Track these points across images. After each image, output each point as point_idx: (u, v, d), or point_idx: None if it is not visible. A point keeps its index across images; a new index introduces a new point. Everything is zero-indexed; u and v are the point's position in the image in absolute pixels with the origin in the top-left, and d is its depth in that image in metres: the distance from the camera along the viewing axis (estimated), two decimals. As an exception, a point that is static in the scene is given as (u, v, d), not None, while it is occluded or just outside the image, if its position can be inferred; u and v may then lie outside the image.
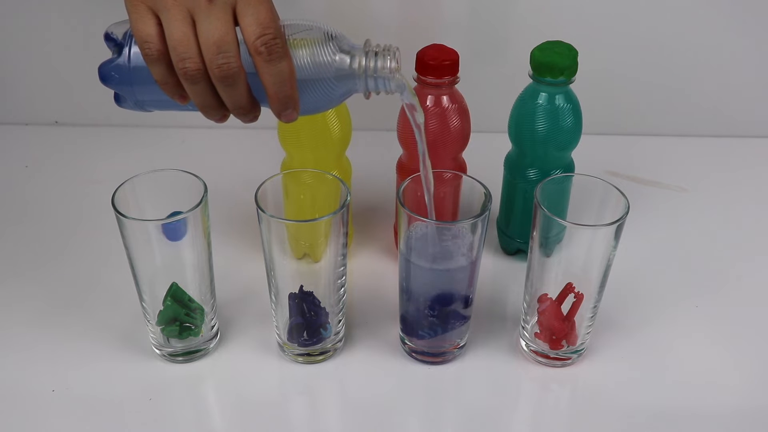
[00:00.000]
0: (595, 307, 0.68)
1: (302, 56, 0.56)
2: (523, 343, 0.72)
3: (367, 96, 0.60)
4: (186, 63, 0.52)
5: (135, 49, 0.57)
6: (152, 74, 0.55)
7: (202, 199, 0.64)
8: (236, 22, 0.53)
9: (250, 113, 0.57)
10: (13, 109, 1.03)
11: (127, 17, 0.55)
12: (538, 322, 0.70)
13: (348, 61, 0.58)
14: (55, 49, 0.98)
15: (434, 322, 0.67)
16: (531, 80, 0.74)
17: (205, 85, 0.54)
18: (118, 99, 0.63)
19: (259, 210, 0.63)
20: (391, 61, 0.58)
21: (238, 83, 0.53)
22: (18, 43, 0.97)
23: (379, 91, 0.60)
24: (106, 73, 0.60)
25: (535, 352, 0.71)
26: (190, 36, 0.51)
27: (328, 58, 0.57)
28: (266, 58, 0.52)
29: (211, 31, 0.51)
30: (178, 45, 0.52)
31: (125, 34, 0.59)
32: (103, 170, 0.93)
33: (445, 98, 0.72)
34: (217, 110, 0.56)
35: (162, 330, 0.69)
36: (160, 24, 0.53)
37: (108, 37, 0.60)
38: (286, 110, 0.55)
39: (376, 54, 0.58)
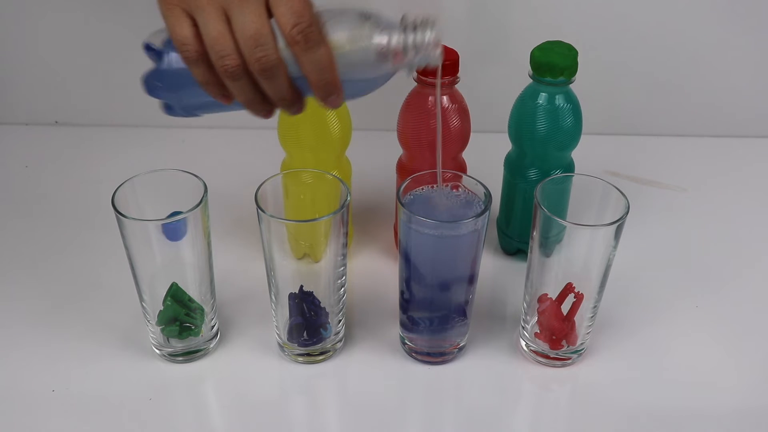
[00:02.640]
0: (595, 307, 0.68)
1: (340, 41, 0.55)
2: (523, 343, 0.72)
3: (410, 73, 0.58)
4: (225, 60, 0.52)
5: (174, 53, 0.57)
6: (194, 76, 0.55)
7: (202, 199, 0.64)
8: (271, 15, 0.53)
9: (294, 104, 0.56)
10: (13, 109, 1.03)
11: (163, 24, 0.55)
12: (538, 322, 0.70)
13: (386, 40, 0.55)
14: (55, 49, 0.98)
15: (433, 302, 0.67)
16: (531, 80, 0.74)
17: (247, 81, 0.54)
18: (167, 108, 0.62)
19: (259, 210, 0.63)
20: (429, 34, 0.56)
21: (279, 75, 0.53)
22: (18, 43, 0.97)
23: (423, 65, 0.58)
24: (150, 84, 0.59)
25: (535, 352, 0.71)
26: (225, 33, 0.52)
27: (366, 41, 0.55)
28: (303, 46, 0.52)
29: (247, 26, 0.51)
30: (215, 43, 0.52)
31: (163, 41, 0.58)
32: (103, 170, 0.93)
33: (445, 98, 0.72)
34: (262, 105, 0.56)
35: (162, 330, 0.69)
36: (196, 25, 0.53)
37: (148, 48, 0.59)
38: (330, 96, 0.55)
39: (415, 28, 0.56)
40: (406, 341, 0.71)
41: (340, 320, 0.70)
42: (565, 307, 0.68)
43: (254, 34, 0.51)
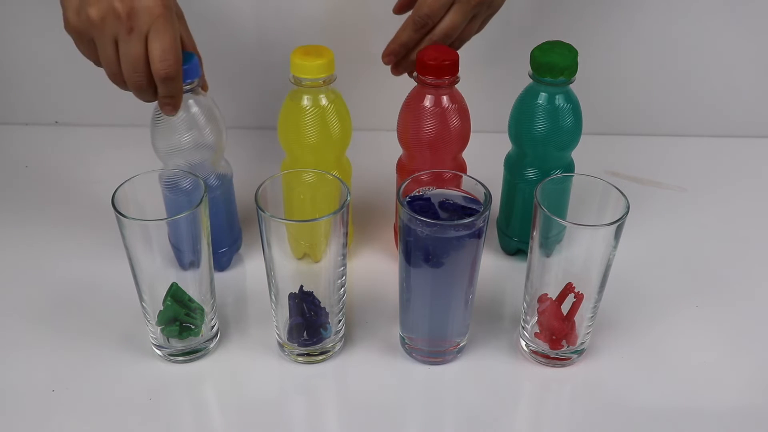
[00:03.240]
0: (595, 307, 0.68)
1: None
2: (523, 343, 0.72)
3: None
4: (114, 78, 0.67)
5: None
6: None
7: (202, 199, 0.64)
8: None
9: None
10: (13, 109, 1.03)
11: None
12: (538, 322, 0.70)
13: None
14: (56, 49, 0.97)
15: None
16: (531, 80, 0.74)
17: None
18: None
19: (259, 210, 0.63)
20: None
21: (149, 91, 0.66)
22: (18, 44, 0.97)
23: None
24: None
25: (535, 352, 0.71)
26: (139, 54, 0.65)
27: None
28: (163, 79, 0.65)
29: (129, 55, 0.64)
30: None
31: None
32: (103, 170, 0.93)
33: (445, 98, 0.72)
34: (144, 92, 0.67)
35: (162, 330, 0.69)
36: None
37: None
38: (165, 107, 0.68)
39: None
40: (406, 341, 0.71)
41: (340, 320, 0.70)
42: (565, 307, 0.68)
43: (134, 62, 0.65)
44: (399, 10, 0.81)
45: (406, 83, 0.75)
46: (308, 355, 0.70)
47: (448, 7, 0.72)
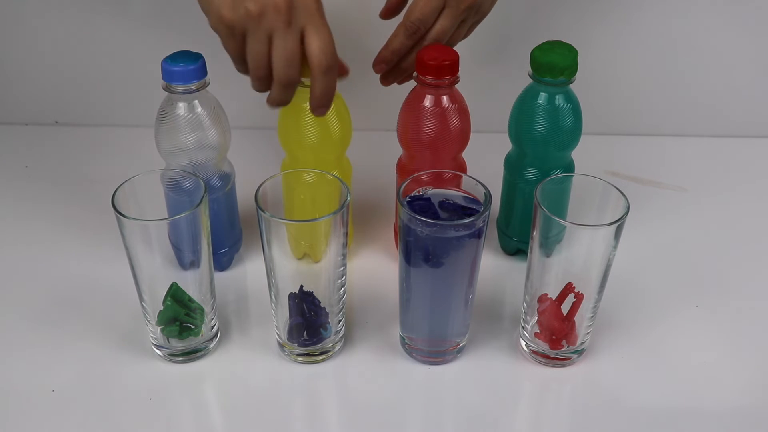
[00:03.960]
0: (595, 307, 0.68)
1: None
2: (523, 343, 0.72)
3: None
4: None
5: None
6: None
7: (202, 199, 0.64)
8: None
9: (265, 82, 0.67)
10: (13, 109, 1.03)
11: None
12: (538, 322, 0.70)
13: None
14: (56, 49, 0.98)
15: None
16: (531, 80, 0.74)
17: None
18: None
19: (259, 210, 0.63)
20: None
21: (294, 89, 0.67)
22: (18, 43, 0.97)
23: None
24: None
25: (535, 352, 0.71)
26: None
27: None
28: (324, 70, 0.65)
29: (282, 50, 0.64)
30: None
31: None
32: (103, 170, 0.93)
33: (445, 98, 0.72)
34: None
35: (162, 330, 0.69)
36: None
37: None
38: (319, 109, 0.68)
39: None
40: (406, 341, 0.71)
41: (340, 320, 0.70)
42: (565, 307, 0.68)
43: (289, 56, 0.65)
44: (386, 14, 0.81)
45: (406, 83, 0.75)
46: (308, 355, 0.70)
47: (438, 11, 0.72)
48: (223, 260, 0.79)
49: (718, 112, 1.01)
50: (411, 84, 0.74)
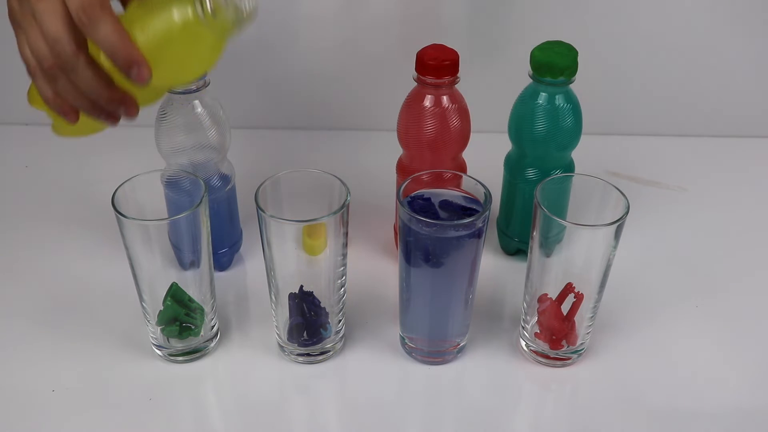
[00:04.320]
0: (595, 307, 0.68)
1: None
2: (523, 343, 0.72)
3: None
4: (43, 63, 0.54)
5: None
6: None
7: (201, 199, 0.64)
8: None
9: (114, 101, 0.57)
10: (13, 109, 1.02)
11: None
12: (538, 322, 0.70)
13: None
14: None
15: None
16: (531, 80, 0.74)
17: (65, 81, 0.55)
18: None
19: (259, 210, 0.63)
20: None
21: (79, 66, 0.54)
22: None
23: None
24: None
25: (535, 352, 0.71)
26: (39, 38, 0.54)
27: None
28: (88, 25, 0.53)
29: (45, 27, 0.53)
30: (35, 50, 0.54)
31: None
32: (103, 170, 0.93)
33: (445, 98, 0.72)
34: (95, 108, 0.57)
35: (162, 330, 0.69)
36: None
37: None
38: (131, 69, 0.54)
39: None
40: (406, 341, 0.71)
41: (340, 320, 0.70)
42: (565, 307, 0.68)
43: (51, 32, 0.53)
44: None
45: (406, 83, 0.75)
46: (308, 355, 0.70)
47: None
48: (223, 260, 0.79)
49: (718, 112, 1.01)
50: (411, 84, 0.74)
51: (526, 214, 0.72)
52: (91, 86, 0.55)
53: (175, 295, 0.68)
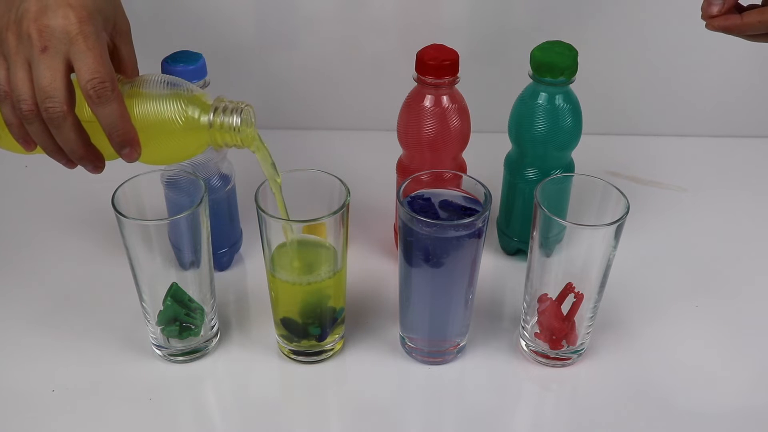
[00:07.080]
0: (595, 307, 0.68)
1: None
2: (523, 343, 0.72)
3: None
4: (21, 104, 0.56)
5: None
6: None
7: (202, 199, 0.64)
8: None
9: (85, 159, 0.59)
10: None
11: None
12: (538, 322, 0.70)
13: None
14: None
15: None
16: (531, 80, 0.74)
17: (40, 126, 0.57)
18: None
19: (259, 210, 0.63)
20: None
21: (65, 126, 0.56)
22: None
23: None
24: None
25: (535, 352, 0.71)
26: (26, 80, 0.56)
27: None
28: (96, 101, 0.55)
29: (41, 78, 0.55)
30: (16, 87, 0.56)
31: None
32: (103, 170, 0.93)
33: (445, 98, 0.72)
34: (58, 154, 0.60)
35: (162, 330, 0.69)
36: (9, 69, 0.57)
37: None
38: (124, 149, 0.58)
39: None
40: (406, 341, 0.71)
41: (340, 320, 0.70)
42: (565, 307, 0.68)
43: (46, 86, 0.55)
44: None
45: (406, 83, 0.75)
46: (308, 354, 0.70)
47: None
48: (223, 260, 0.79)
49: (718, 112, 1.01)
50: (411, 84, 0.74)
51: (526, 214, 0.72)
52: (68, 144, 0.58)
53: (175, 295, 0.68)
